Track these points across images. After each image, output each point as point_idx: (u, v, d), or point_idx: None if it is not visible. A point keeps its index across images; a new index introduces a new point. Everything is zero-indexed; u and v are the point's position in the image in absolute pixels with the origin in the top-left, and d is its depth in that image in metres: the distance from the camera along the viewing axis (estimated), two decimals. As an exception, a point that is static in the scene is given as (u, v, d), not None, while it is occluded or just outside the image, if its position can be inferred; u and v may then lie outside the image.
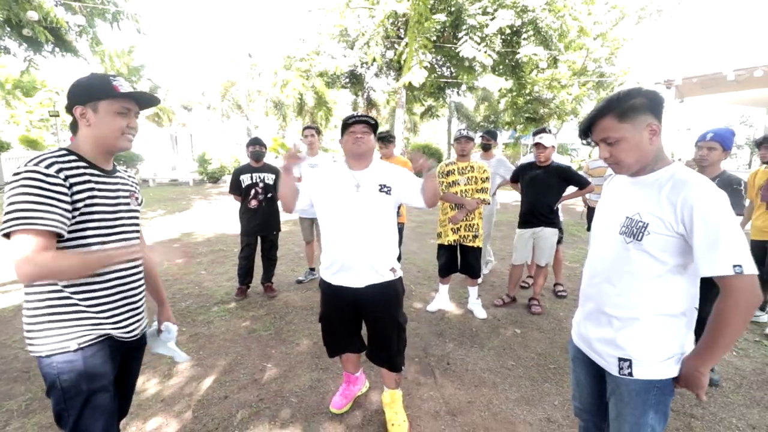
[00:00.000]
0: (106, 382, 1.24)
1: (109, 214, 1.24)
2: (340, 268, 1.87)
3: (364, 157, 1.89)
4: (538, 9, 10.82)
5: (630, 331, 1.19)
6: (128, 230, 1.32)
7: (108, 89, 1.20)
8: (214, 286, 4.16)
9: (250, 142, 3.80)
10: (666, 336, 1.17)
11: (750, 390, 2.40)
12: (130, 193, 1.36)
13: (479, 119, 22.18)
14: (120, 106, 1.22)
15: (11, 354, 2.77)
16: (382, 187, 1.86)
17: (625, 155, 1.16)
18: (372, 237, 1.83)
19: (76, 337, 1.18)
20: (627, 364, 1.19)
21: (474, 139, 3.36)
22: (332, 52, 14.94)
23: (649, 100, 1.13)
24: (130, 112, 1.26)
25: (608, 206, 1.31)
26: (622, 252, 1.18)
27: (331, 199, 1.87)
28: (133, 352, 1.41)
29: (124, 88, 1.23)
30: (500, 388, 2.41)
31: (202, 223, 7.93)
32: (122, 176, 1.36)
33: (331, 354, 2.14)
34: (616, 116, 1.14)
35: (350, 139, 1.85)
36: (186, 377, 2.50)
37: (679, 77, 8.98)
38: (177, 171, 16.91)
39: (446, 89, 15.53)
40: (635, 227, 1.15)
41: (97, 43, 8.19)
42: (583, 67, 14.78)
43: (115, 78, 1.23)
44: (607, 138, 1.16)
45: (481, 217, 3.40)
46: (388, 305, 1.93)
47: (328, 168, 1.99)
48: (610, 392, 1.28)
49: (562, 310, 3.60)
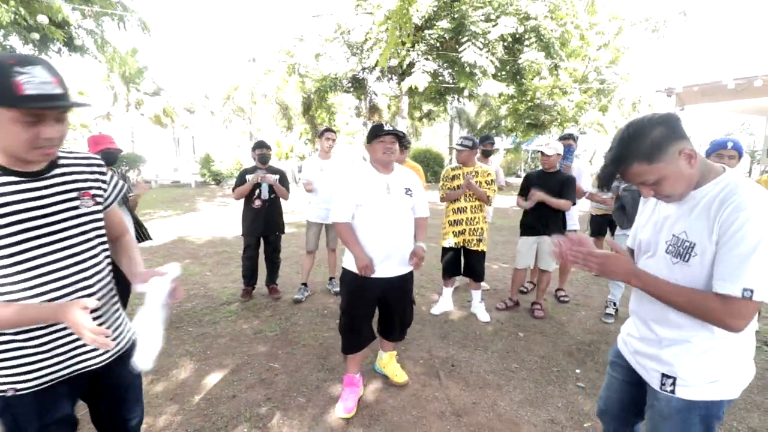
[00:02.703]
0: (62, 417, 1.10)
1: (39, 229, 0.98)
2: (385, 258, 2.11)
3: (391, 164, 2.18)
4: (540, 17, 10.95)
5: (677, 350, 1.14)
6: (74, 242, 1.05)
7: (5, 90, 0.83)
8: (220, 288, 4.19)
9: (256, 145, 3.85)
10: (715, 358, 1.10)
11: (750, 394, 2.43)
12: (79, 192, 1.07)
13: (481, 125, 22.28)
14: (24, 113, 0.87)
15: None
16: (407, 190, 2.19)
17: (671, 190, 1.06)
18: (403, 233, 2.15)
19: (18, 381, 1.02)
20: (670, 381, 1.15)
21: (471, 147, 3.35)
22: (334, 56, 15.06)
23: (666, 127, 1.02)
24: (45, 117, 0.90)
25: (652, 222, 1.23)
26: (668, 272, 1.11)
27: (364, 201, 2.10)
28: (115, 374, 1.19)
29: (33, 84, 0.85)
30: (504, 390, 2.45)
31: (205, 224, 7.97)
32: (69, 171, 1.07)
33: (348, 350, 2.27)
34: (645, 161, 1.02)
35: (381, 147, 2.09)
36: (194, 376, 2.54)
37: (680, 85, 9.06)
38: (179, 173, 16.99)
39: (446, 95, 15.62)
40: (682, 247, 1.08)
41: (105, 43, 8.26)
42: (585, 75, 14.90)
43: (21, 67, 0.84)
44: (644, 182, 1.06)
45: (485, 221, 3.45)
46: (407, 290, 2.34)
47: (358, 173, 2.18)
48: (650, 405, 1.25)
49: (565, 315, 3.63)
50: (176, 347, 2.86)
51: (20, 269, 0.97)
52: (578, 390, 2.46)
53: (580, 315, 3.64)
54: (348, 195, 2.12)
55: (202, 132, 20.89)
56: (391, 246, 2.12)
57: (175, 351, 2.81)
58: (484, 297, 3.73)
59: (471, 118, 23.73)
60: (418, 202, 2.29)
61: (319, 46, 14.78)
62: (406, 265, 2.20)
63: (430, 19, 11.76)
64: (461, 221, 3.41)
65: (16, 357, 1.01)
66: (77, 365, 1.11)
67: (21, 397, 1.03)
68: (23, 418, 1.05)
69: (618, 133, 1.10)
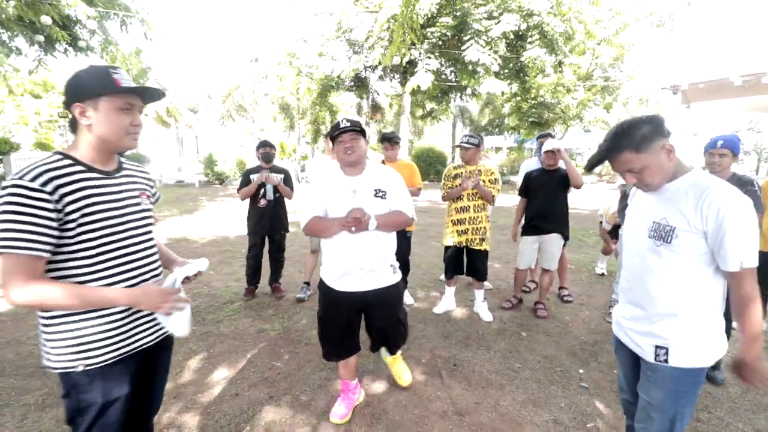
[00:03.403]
0: (122, 395, 1.21)
1: (114, 219, 1.16)
2: (343, 274, 1.92)
3: (358, 163, 1.95)
4: (543, 13, 10.86)
5: (667, 323, 1.29)
6: (139, 232, 1.25)
7: (108, 83, 1.09)
8: (223, 287, 4.21)
9: (260, 145, 3.86)
10: (701, 327, 1.27)
11: (756, 395, 2.41)
12: (140, 191, 1.28)
13: (484, 123, 22.20)
14: (123, 102, 1.12)
15: (26, 350, 2.82)
16: (377, 192, 1.93)
17: (650, 179, 1.27)
18: (371, 242, 1.88)
19: (87, 357, 1.13)
20: (663, 351, 1.30)
21: (477, 145, 3.35)
22: (336, 54, 15.03)
23: (654, 125, 1.23)
24: (134, 108, 1.16)
25: (636, 213, 1.43)
26: (653, 253, 1.30)
27: (329, 207, 1.92)
28: (159, 352, 1.37)
29: (125, 81, 1.12)
30: (507, 390, 2.44)
31: (209, 224, 8.01)
32: (130, 174, 1.28)
33: (328, 357, 2.18)
34: (634, 149, 1.23)
35: (340, 149, 1.91)
36: (197, 374, 2.55)
37: (686, 82, 8.97)
38: (183, 172, 17.07)
39: (449, 93, 15.57)
40: (663, 231, 1.27)
41: (110, 43, 8.29)
42: (589, 72, 14.79)
43: (115, 70, 1.11)
44: (630, 169, 1.27)
45: (488, 221, 3.43)
46: (390, 307, 2.07)
47: (324, 176, 2.02)
48: (644, 379, 1.39)
49: (568, 314, 3.61)
50: (179, 346, 2.87)
51: (102, 250, 1.13)
52: (581, 390, 2.45)
53: (584, 315, 3.62)
54: (312, 202, 1.94)
55: (205, 132, 20.98)
56: (361, 256, 1.88)
57: (178, 349, 2.82)
58: (486, 296, 3.71)
59: (474, 116, 23.65)
60: (397, 203, 1.98)
61: (321, 45, 14.77)
62: (384, 278, 1.97)
63: (432, 17, 11.71)
64: (464, 220, 3.39)
65: (87, 334, 1.13)
66: (140, 341, 1.25)
67: (88, 373, 1.14)
68: (87, 397, 1.15)
69: (612, 128, 1.31)
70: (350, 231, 1.84)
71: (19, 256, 1.00)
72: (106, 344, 1.16)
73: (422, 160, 18.75)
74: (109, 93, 1.10)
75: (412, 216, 2.02)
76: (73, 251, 1.09)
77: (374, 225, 1.85)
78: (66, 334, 1.11)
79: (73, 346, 1.12)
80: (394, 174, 2.04)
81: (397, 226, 1.98)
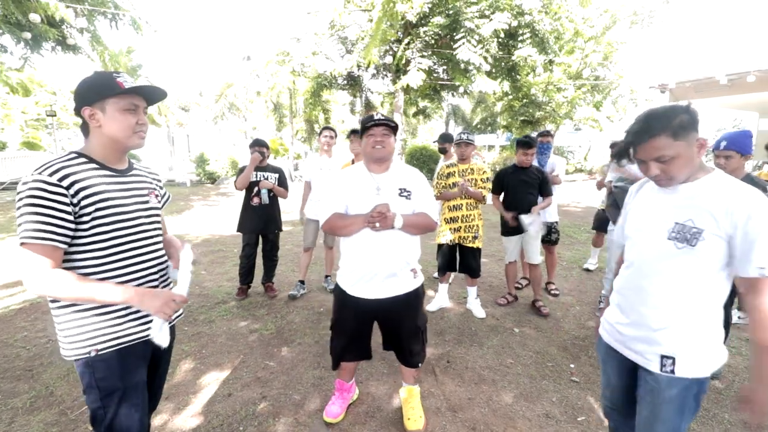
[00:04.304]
0: (140, 378, 1.26)
1: (125, 214, 1.22)
2: (361, 278, 1.83)
3: (384, 161, 1.85)
4: (534, 12, 10.95)
5: (674, 330, 1.22)
6: (148, 229, 1.31)
7: (113, 86, 1.18)
8: (215, 287, 4.18)
9: (254, 143, 3.84)
10: (708, 334, 1.21)
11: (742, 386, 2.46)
12: (149, 190, 1.35)
13: (476, 121, 22.31)
14: (127, 103, 1.20)
15: (13, 353, 2.78)
16: (402, 191, 1.83)
17: (677, 171, 1.18)
18: (393, 244, 1.79)
19: (99, 342, 1.18)
20: (670, 361, 1.22)
21: (474, 143, 3.41)
22: (329, 53, 14.98)
23: (691, 115, 1.16)
24: (139, 109, 1.24)
25: (648, 213, 1.31)
26: (670, 257, 1.21)
27: (351, 204, 1.83)
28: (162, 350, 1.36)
29: (129, 83, 1.20)
30: (499, 386, 2.46)
31: (200, 223, 7.94)
32: (140, 174, 1.36)
33: (337, 366, 2.11)
34: (671, 135, 1.14)
35: (369, 142, 1.81)
36: (190, 375, 2.53)
37: (673, 81, 9.12)
38: (174, 171, 16.90)
39: (442, 91, 15.61)
40: (689, 233, 1.17)
41: (98, 42, 8.17)
42: (579, 71, 14.93)
43: (118, 74, 1.20)
44: (661, 156, 1.17)
45: (481, 218, 3.46)
46: (408, 314, 1.94)
47: (348, 172, 1.94)
48: (645, 390, 1.29)
49: (560, 310, 3.65)
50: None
51: (113, 244, 1.19)
52: (572, 384, 2.48)
53: (575, 310, 3.66)
54: (334, 198, 1.85)
55: (197, 131, 20.79)
56: (382, 257, 1.78)
57: (170, 350, 2.80)
58: (479, 293, 3.74)
59: (466, 114, 23.75)
60: (422, 205, 1.87)
61: (315, 44, 14.70)
62: (404, 283, 1.87)
63: (425, 16, 11.73)
64: (457, 218, 3.42)
65: (97, 322, 1.18)
66: (148, 330, 1.26)
67: (104, 358, 1.19)
68: (107, 384, 1.20)
69: (644, 112, 1.23)
70: (374, 228, 1.73)
71: (43, 246, 1.06)
72: (119, 329, 1.21)
73: (415, 158, 18.77)
74: (114, 95, 1.18)
75: (436, 220, 1.92)
76: (86, 243, 1.15)
77: (400, 223, 1.75)
78: (77, 321, 1.17)
79: (84, 333, 1.17)
80: (419, 175, 1.95)
81: (421, 230, 1.86)
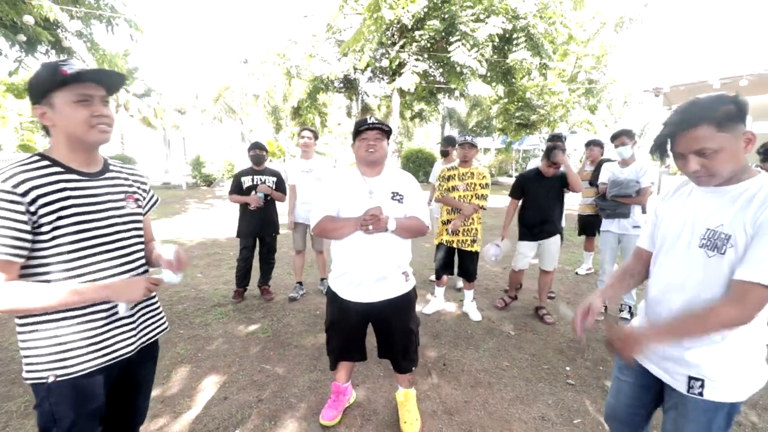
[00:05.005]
0: (94, 408, 1.16)
1: (92, 222, 1.10)
2: (351, 282, 1.84)
3: (377, 164, 1.86)
4: (530, 15, 11.05)
5: (703, 350, 1.12)
6: (124, 237, 1.19)
7: (56, 76, 1.02)
8: (211, 289, 4.16)
9: (252, 146, 3.84)
10: (743, 356, 1.11)
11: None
12: (126, 195, 1.22)
13: (472, 124, 22.39)
14: (76, 94, 1.04)
15: (8, 356, 2.76)
16: (394, 195, 1.84)
17: (722, 167, 1.04)
18: (384, 247, 1.79)
19: (61, 367, 1.08)
20: (699, 383, 1.13)
21: (476, 146, 3.38)
22: (326, 56, 15.03)
23: (740, 106, 1.03)
24: (94, 99, 1.07)
25: (681, 217, 1.19)
26: (702, 266, 1.10)
27: (343, 207, 1.82)
28: (141, 364, 1.30)
29: (73, 68, 1.03)
30: (495, 388, 2.47)
31: (196, 226, 7.91)
32: (116, 177, 1.22)
33: (335, 366, 2.12)
34: (714, 125, 1.01)
35: (363, 145, 1.80)
36: (185, 379, 2.52)
37: (667, 85, 9.21)
38: (170, 174, 16.82)
39: (437, 94, 15.68)
40: (718, 239, 1.07)
41: (95, 47, 8.15)
42: (573, 75, 15.06)
43: (65, 62, 1.04)
44: (703, 149, 1.04)
45: (480, 222, 3.47)
46: (400, 317, 1.95)
47: (341, 175, 1.93)
48: (670, 406, 1.23)
49: (555, 313, 3.67)
50: (167, 350, 2.84)
51: (78, 256, 1.08)
52: (568, 387, 2.49)
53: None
54: (325, 201, 1.83)
55: (193, 133, 20.71)
56: (373, 261, 1.78)
57: (165, 354, 2.78)
58: (475, 296, 3.75)
59: (462, 117, 23.83)
60: (414, 209, 1.88)
61: (311, 47, 14.74)
62: (395, 287, 1.87)
63: (420, 19, 11.80)
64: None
65: (63, 342, 1.09)
66: (118, 351, 1.19)
67: (60, 385, 1.09)
68: (59, 408, 1.11)
69: (687, 102, 1.10)
70: (367, 231, 1.72)
71: None
72: (83, 353, 1.10)
73: (411, 161, 18.82)
74: (58, 87, 1.03)
75: (427, 224, 1.91)
76: (48, 255, 1.05)
77: (394, 225, 1.74)
78: (41, 342, 1.07)
79: (48, 355, 1.07)
80: (411, 179, 1.96)
81: (413, 233, 1.87)
